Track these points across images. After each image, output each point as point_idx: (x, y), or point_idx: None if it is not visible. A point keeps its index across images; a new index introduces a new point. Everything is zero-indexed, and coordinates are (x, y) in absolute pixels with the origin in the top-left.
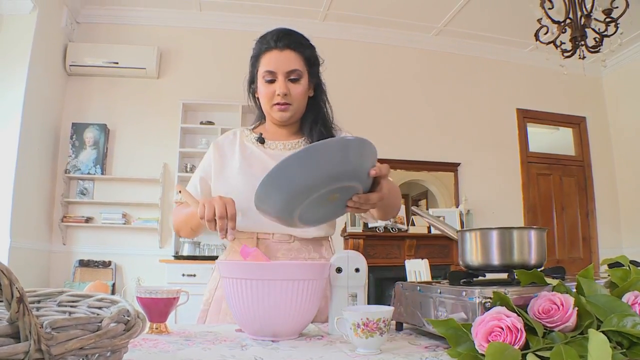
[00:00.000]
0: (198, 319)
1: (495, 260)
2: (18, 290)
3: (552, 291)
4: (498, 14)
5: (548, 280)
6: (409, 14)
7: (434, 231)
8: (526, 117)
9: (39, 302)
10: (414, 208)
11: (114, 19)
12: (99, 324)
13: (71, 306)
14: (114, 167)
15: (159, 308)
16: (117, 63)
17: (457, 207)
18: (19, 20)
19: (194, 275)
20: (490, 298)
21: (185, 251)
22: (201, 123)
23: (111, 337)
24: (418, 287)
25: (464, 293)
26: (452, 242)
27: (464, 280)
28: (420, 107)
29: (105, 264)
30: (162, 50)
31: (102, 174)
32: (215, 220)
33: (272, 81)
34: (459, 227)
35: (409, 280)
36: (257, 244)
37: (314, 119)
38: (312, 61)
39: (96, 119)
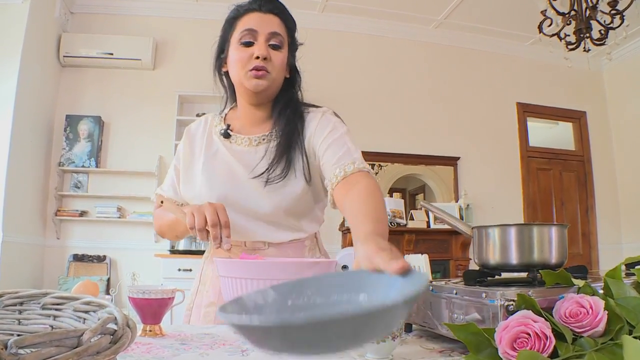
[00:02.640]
0: (183, 317)
1: (514, 259)
2: None
3: (578, 293)
4: (499, 7)
5: (574, 281)
6: (408, 6)
7: (433, 226)
8: (526, 111)
9: (21, 304)
10: (424, 203)
11: (109, 9)
12: (79, 338)
13: (56, 309)
14: (108, 160)
15: (152, 309)
16: (111, 54)
17: (457, 201)
18: (11, 10)
19: (190, 270)
20: (514, 300)
21: (181, 246)
22: (197, 115)
23: (94, 354)
24: (430, 287)
25: (484, 294)
26: (451, 237)
27: (480, 279)
28: (419, 100)
29: (100, 259)
30: (157, 41)
31: (97, 166)
32: (206, 230)
33: (249, 43)
34: None
35: None
36: (230, 249)
37: (285, 103)
38: (293, 35)
39: (90, 111)
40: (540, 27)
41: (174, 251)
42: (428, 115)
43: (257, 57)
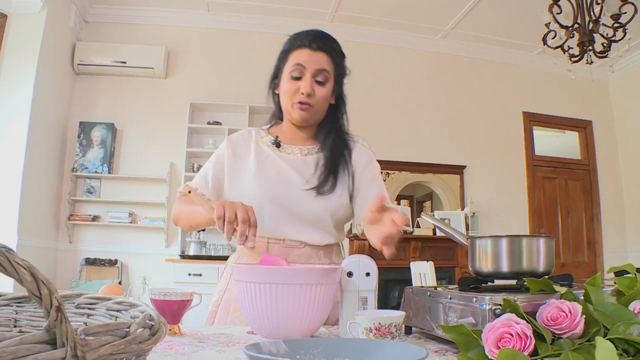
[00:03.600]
0: (206, 320)
1: (505, 267)
2: (57, 300)
3: (561, 299)
4: (505, 17)
5: (556, 287)
6: (416, 16)
7: (439, 233)
8: (532, 120)
9: None
10: (423, 215)
11: (122, 19)
12: (127, 330)
13: (89, 309)
14: (121, 166)
15: (172, 310)
16: (124, 62)
17: (463, 209)
18: (27, 19)
19: (200, 275)
20: (500, 305)
21: (192, 251)
22: (208, 123)
23: (138, 343)
24: (428, 292)
25: (474, 299)
26: (457, 245)
27: (473, 286)
28: (426, 109)
29: (112, 263)
30: (169, 50)
31: (109, 172)
32: (234, 222)
33: (298, 78)
34: (464, 230)
35: (413, 282)
36: (267, 249)
37: (330, 127)
38: (340, 69)
39: (104, 118)
40: (544, 40)
41: (184, 256)
42: (435, 124)
43: (302, 93)
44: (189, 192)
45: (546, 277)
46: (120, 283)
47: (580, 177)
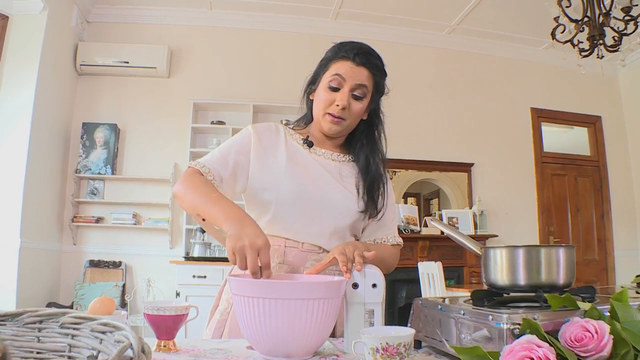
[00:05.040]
0: (215, 329)
1: (522, 280)
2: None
3: (584, 316)
4: (512, 12)
5: (580, 304)
6: (421, 12)
7: (428, 219)
8: (540, 116)
9: (40, 322)
10: (432, 221)
11: (125, 18)
12: None
13: (74, 329)
14: (124, 167)
15: (167, 325)
16: (127, 62)
17: (471, 208)
18: (29, 20)
19: (205, 277)
20: (519, 324)
21: (196, 252)
22: (212, 123)
23: None
24: (439, 306)
25: (490, 317)
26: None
27: (488, 300)
28: (432, 106)
29: (116, 265)
30: (172, 50)
31: (113, 173)
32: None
33: (335, 89)
34: (472, 229)
35: (421, 282)
36: (284, 252)
37: (362, 143)
38: (379, 87)
39: (107, 119)
40: (553, 34)
41: (189, 258)
42: (442, 121)
43: (338, 105)
44: (203, 219)
45: (566, 289)
46: (124, 285)
47: (589, 174)
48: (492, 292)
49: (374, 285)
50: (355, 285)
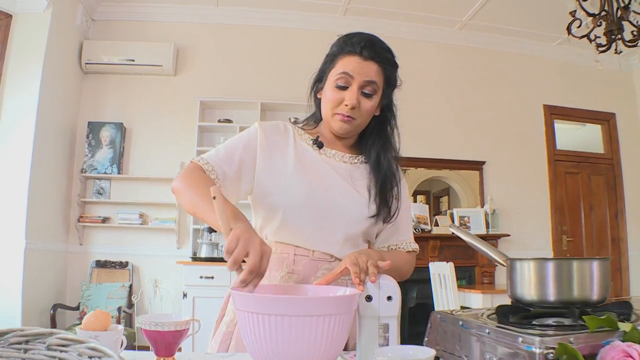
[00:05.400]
0: (221, 342)
1: (552, 295)
2: None
3: (625, 339)
4: (525, 7)
5: (620, 325)
6: (431, 7)
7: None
8: (553, 113)
9: (27, 342)
10: (453, 228)
11: (130, 16)
12: None
13: (60, 351)
14: (130, 167)
15: (166, 341)
16: (133, 60)
17: (482, 206)
18: (33, 18)
19: (212, 278)
20: (554, 348)
21: (203, 252)
22: (219, 121)
23: None
24: (460, 322)
25: (520, 339)
26: None
27: (515, 318)
28: (443, 104)
29: (122, 265)
30: (178, 47)
31: (119, 173)
32: (241, 262)
33: (343, 88)
34: (484, 228)
35: (432, 283)
36: (293, 260)
37: (373, 140)
38: (391, 81)
39: (112, 118)
40: (569, 29)
41: (195, 258)
42: (453, 118)
43: (347, 105)
44: (214, 197)
45: (600, 305)
46: (131, 286)
47: (603, 172)
48: (519, 308)
49: (389, 298)
50: (368, 298)
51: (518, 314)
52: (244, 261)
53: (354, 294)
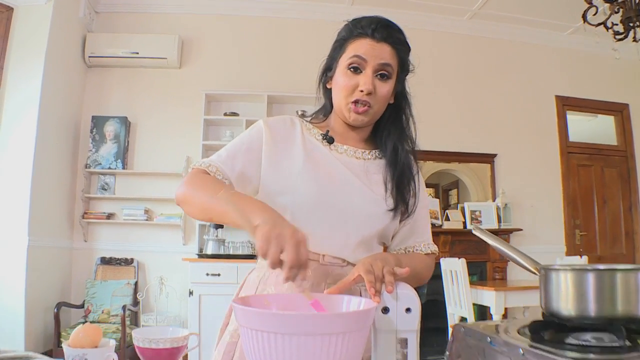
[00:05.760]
0: (224, 353)
1: (593, 310)
2: None
3: None
4: None
5: None
6: None
7: (469, 226)
8: (566, 104)
9: None
10: (477, 231)
11: (134, 8)
12: None
13: None
14: (135, 161)
15: (162, 358)
16: (137, 53)
17: (494, 200)
18: (34, 10)
19: (219, 275)
20: None
21: (210, 249)
22: (225, 114)
23: None
24: (489, 338)
25: None
26: None
27: (548, 332)
28: (453, 95)
29: (128, 262)
30: (183, 39)
31: (124, 168)
32: (280, 262)
33: (357, 71)
34: (495, 222)
35: (444, 280)
36: None
37: (390, 131)
38: (404, 64)
39: (117, 112)
40: (584, 16)
41: (202, 255)
42: (463, 110)
43: (362, 90)
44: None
45: None
46: (136, 283)
47: (616, 164)
48: (554, 323)
49: (408, 310)
50: (385, 310)
51: (551, 329)
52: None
53: (369, 308)
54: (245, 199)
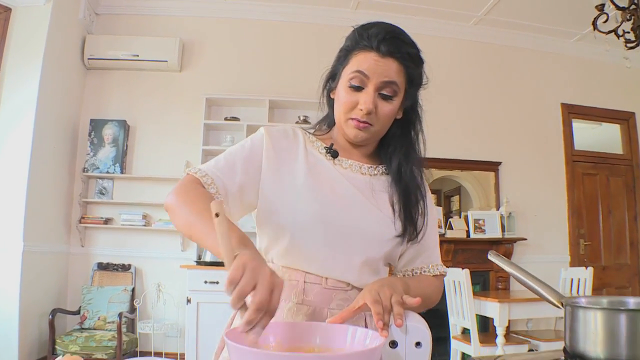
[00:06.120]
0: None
1: (625, 355)
2: None
3: None
4: (542, 2)
5: None
6: (446, 2)
7: (472, 235)
8: (571, 112)
9: None
10: (491, 256)
11: (135, 10)
12: None
13: None
14: (134, 166)
15: None
16: (137, 56)
17: (498, 209)
18: (33, 11)
19: (217, 283)
20: None
21: (208, 256)
22: (225, 119)
23: None
24: None
25: None
26: (492, 247)
27: None
28: (457, 102)
29: (125, 268)
30: (184, 42)
31: (122, 172)
32: (245, 300)
33: (358, 88)
34: (499, 231)
35: (447, 291)
36: (304, 288)
37: (395, 147)
38: (414, 79)
39: (115, 115)
40: (594, 24)
41: (200, 262)
42: (467, 117)
43: (362, 109)
44: (217, 214)
45: None
46: (133, 289)
47: (622, 173)
48: None
49: (418, 344)
50: (393, 344)
51: None
52: (244, 307)
53: (376, 346)
54: (235, 229)
